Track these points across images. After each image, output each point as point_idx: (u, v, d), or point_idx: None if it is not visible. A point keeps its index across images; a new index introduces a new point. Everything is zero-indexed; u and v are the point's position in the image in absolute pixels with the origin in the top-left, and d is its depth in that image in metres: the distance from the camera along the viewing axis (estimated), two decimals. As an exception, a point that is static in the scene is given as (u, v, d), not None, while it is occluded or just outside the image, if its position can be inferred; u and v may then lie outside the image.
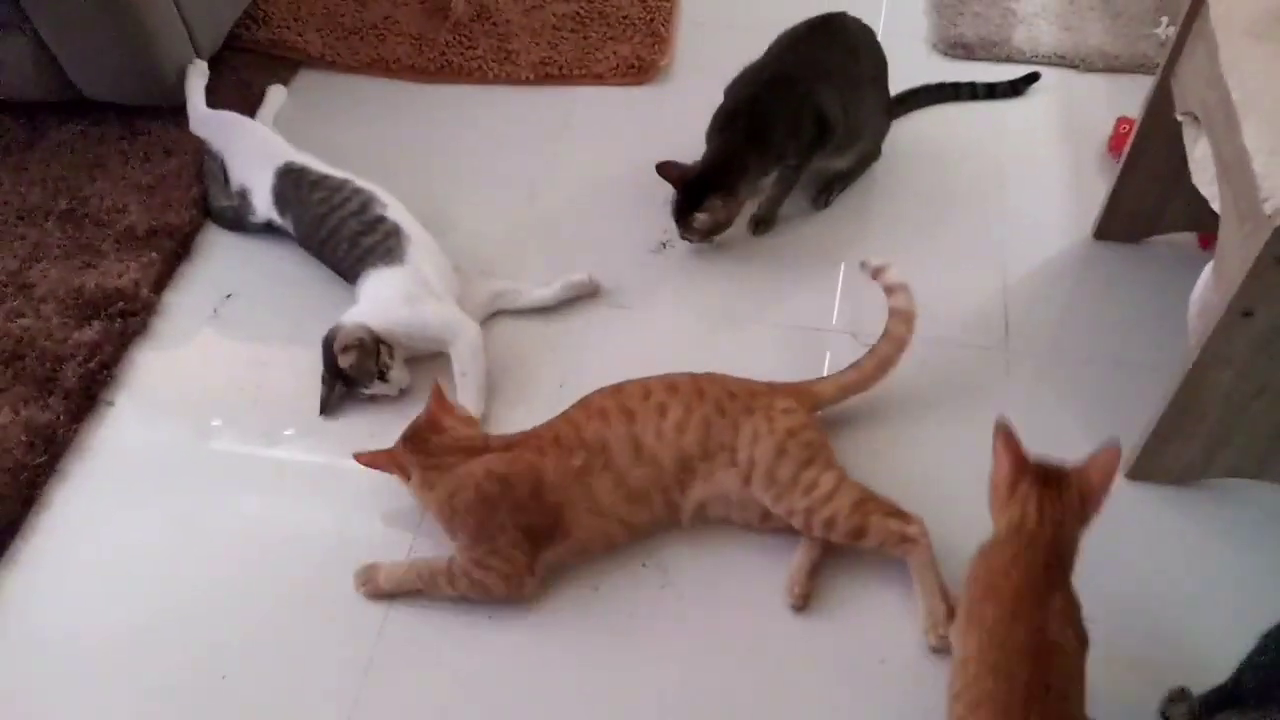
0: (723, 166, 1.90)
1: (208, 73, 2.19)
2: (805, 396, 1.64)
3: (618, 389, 1.60)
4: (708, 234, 1.94)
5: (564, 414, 1.60)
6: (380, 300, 1.78)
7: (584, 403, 1.60)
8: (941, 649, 1.43)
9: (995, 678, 1.15)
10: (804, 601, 1.51)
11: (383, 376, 1.72)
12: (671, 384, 1.60)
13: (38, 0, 2.00)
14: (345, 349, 1.69)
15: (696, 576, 1.55)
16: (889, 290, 1.68)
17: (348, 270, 1.84)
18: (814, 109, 1.92)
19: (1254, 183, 1.26)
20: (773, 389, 1.63)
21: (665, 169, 1.93)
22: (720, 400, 1.58)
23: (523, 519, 1.50)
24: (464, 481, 1.51)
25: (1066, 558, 1.22)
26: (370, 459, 1.58)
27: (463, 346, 1.75)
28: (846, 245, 2.01)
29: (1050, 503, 1.22)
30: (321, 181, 1.91)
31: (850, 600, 1.52)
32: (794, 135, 1.92)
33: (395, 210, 1.88)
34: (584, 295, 1.90)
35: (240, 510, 1.65)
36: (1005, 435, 1.27)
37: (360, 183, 1.92)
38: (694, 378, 1.61)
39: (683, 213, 1.91)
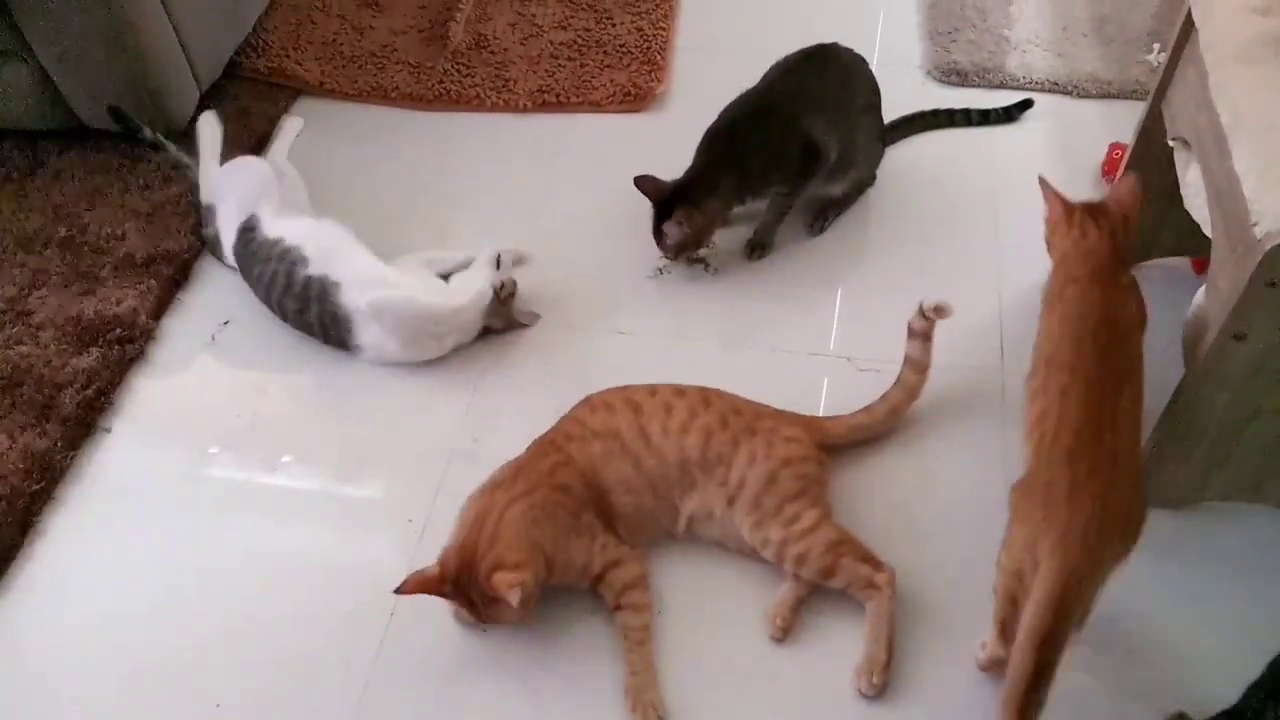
0: (692, 183, 1.91)
1: (220, 126, 2.15)
2: (814, 429, 1.64)
3: (623, 388, 1.63)
4: (680, 249, 1.94)
5: (566, 415, 1.61)
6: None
7: (586, 401, 1.62)
8: (872, 695, 1.43)
9: (1076, 346, 1.37)
10: (784, 634, 1.50)
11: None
12: (679, 389, 1.61)
13: (40, 29, 2.02)
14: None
15: (693, 605, 1.55)
16: (918, 335, 1.67)
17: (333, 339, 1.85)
18: (800, 137, 1.93)
19: (1244, 207, 1.27)
20: (780, 416, 1.63)
21: (643, 183, 1.93)
22: (725, 414, 1.58)
23: (590, 511, 1.52)
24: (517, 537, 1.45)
25: (1126, 253, 1.48)
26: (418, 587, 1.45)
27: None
28: (843, 270, 2.02)
29: (1101, 217, 1.49)
30: (261, 249, 1.87)
31: (838, 635, 1.51)
32: (776, 163, 1.94)
33: (322, 255, 1.84)
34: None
35: (238, 537, 1.65)
36: (1047, 186, 1.54)
37: (290, 240, 1.86)
38: (703, 389, 1.63)
39: (656, 227, 1.92)
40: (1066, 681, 1.29)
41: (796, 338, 1.90)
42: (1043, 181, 1.55)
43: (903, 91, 2.28)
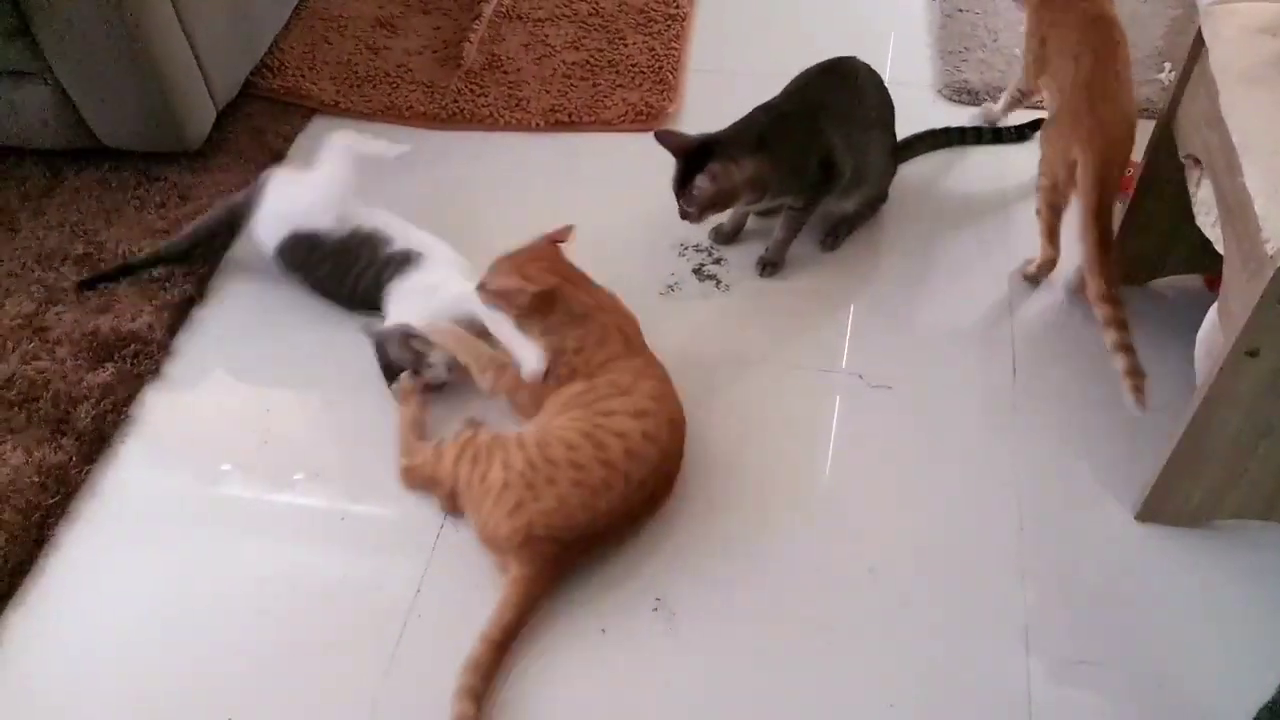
0: (729, 138, 1.88)
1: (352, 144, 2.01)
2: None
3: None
4: (706, 207, 1.89)
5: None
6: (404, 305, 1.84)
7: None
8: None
9: (1082, 32, 1.86)
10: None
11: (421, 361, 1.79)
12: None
13: (60, 50, 2.04)
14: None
15: (706, 620, 1.54)
16: None
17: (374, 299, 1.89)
18: (823, 150, 1.94)
19: (1256, 224, 1.27)
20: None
21: (665, 136, 1.90)
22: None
23: None
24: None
25: None
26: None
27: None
28: (855, 287, 2.02)
29: None
30: (335, 249, 1.91)
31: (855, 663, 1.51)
32: (798, 171, 1.93)
33: (403, 236, 1.92)
34: None
35: (249, 555, 1.66)
36: None
37: (368, 226, 1.92)
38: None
39: (682, 182, 1.87)
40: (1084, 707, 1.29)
41: (809, 354, 1.90)
42: None
43: (914, 109, 2.29)
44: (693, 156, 1.86)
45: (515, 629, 1.48)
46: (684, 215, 1.92)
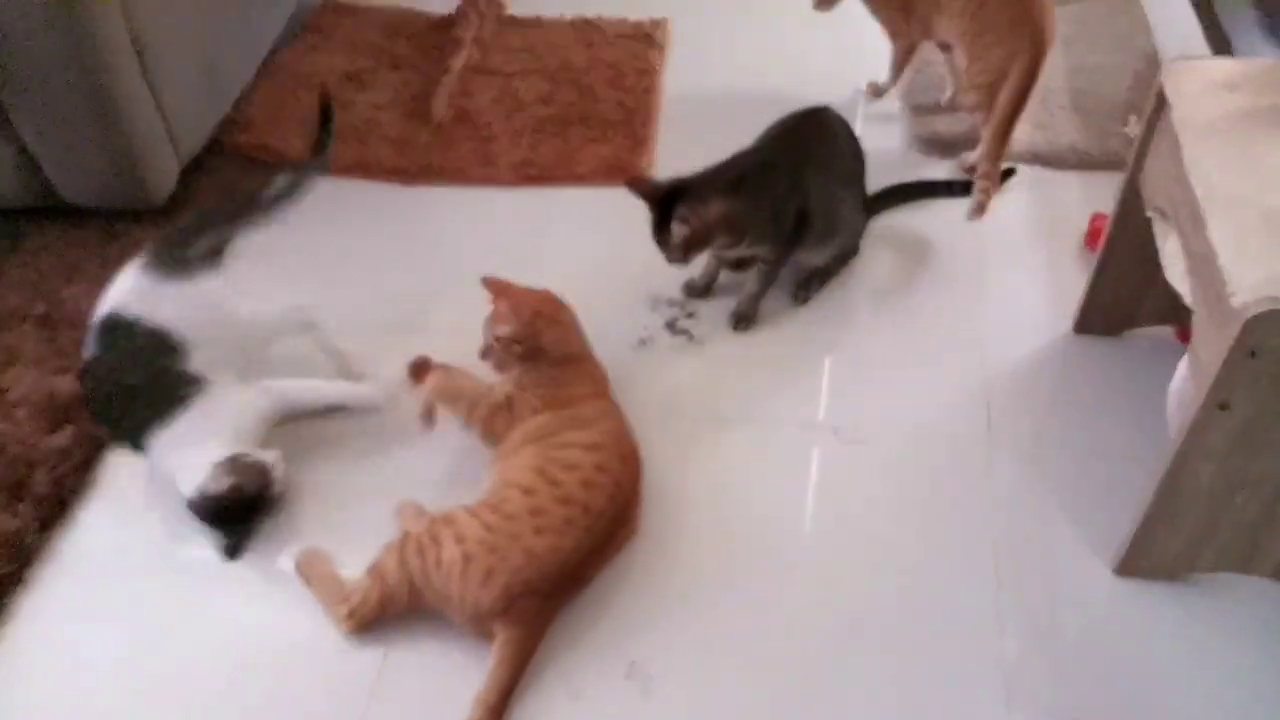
0: (701, 180, 1.87)
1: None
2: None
3: None
4: (686, 250, 1.88)
5: None
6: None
7: None
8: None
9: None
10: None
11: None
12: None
13: (23, 105, 2.02)
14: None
15: (683, 686, 1.51)
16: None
17: None
18: (800, 199, 1.94)
19: (1221, 277, 1.27)
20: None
21: (636, 184, 1.90)
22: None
23: None
24: None
25: None
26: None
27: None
28: (829, 340, 2.02)
29: None
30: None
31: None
32: (774, 222, 1.93)
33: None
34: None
35: (214, 617, 1.61)
36: None
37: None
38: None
39: (659, 228, 1.88)
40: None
41: (785, 409, 1.89)
42: None
43: (886, 162, 2.30)
44: (665, 201, 1.86)
45: (511, 690, 1.47)
46: (669, 260, 1.92)
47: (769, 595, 1.61)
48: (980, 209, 2.16)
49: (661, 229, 1.88)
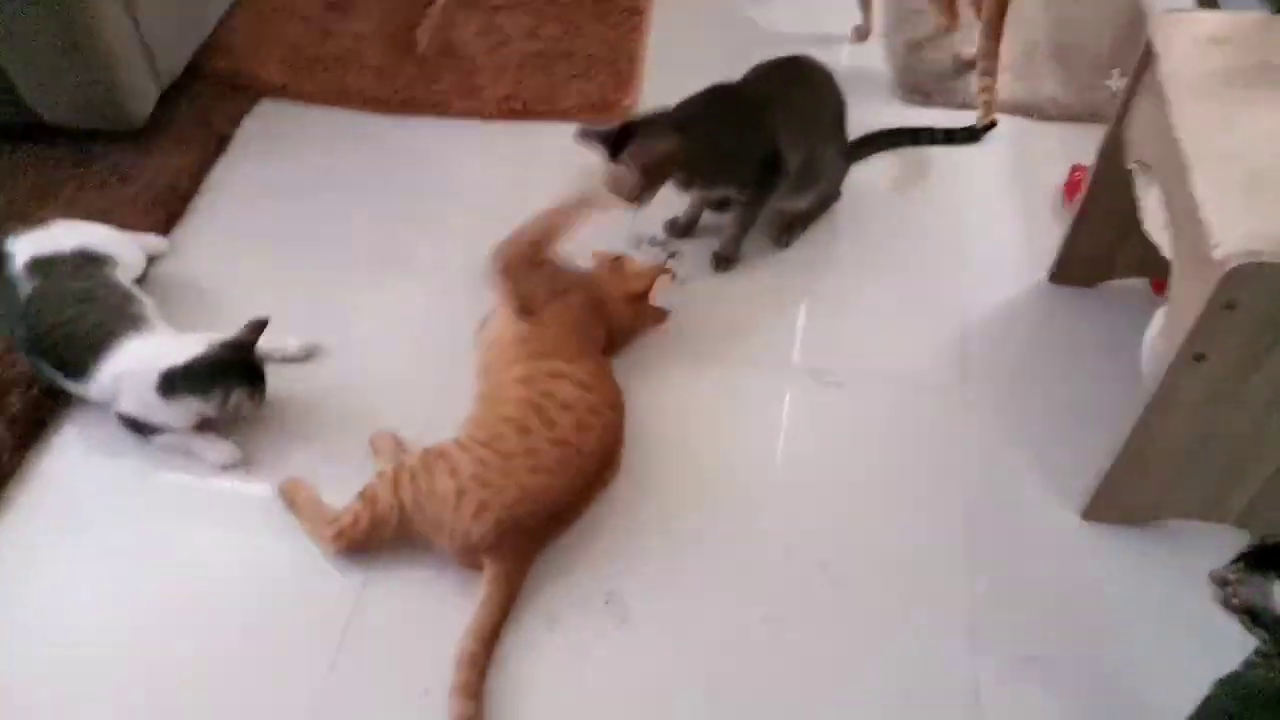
0: (646, 120, 1.86)
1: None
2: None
3: None
4: (638, 188, 1.82)
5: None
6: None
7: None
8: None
9: None
10: None
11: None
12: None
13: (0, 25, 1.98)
14: None
15: (658, 616, 1.54)
16: None
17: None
18: (767, 144, 1.93)
19: (1202, 230, 1.29)
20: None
21: (584, 136, 1.88)
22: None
23: None
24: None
25: None
26: None
27: None
28: (807, 284, 2.03)
29: None
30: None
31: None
32: (737, 162, 1.93)
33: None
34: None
35: (190, 541, 1.62)
36: None
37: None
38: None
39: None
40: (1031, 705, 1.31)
41: (761, 351, 1.90)
42: None
43: (868, 109, 2.30)
44: (618, 141, 1.84)
45: (502, 622, 1.49)
46: (624, 199, 1.86)
47: (741, 533, 1.64)
48: (987, 109, 2.27)
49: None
